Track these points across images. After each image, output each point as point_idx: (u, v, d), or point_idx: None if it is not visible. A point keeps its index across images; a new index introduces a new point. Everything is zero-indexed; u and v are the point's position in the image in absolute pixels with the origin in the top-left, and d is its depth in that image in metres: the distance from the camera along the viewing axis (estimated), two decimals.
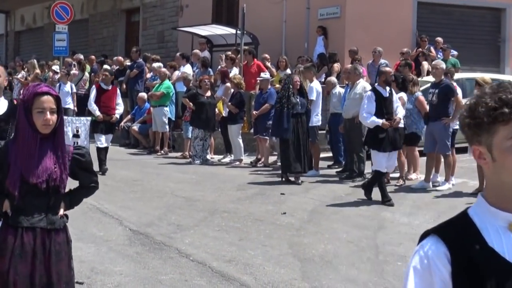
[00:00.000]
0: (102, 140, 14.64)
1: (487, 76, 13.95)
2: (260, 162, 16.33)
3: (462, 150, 13.63)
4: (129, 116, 20.17)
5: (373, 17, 20.21)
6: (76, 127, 14.50)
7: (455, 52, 19.55)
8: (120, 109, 15.45)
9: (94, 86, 15.53)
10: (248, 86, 17.57)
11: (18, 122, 4.37)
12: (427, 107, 13.24)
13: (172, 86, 19.16)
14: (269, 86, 16.42)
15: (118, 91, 15.78)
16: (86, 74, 23.06)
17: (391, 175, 13.82)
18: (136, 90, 20.53)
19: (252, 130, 16.92)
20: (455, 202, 11.94)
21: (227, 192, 13.13)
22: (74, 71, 23.22)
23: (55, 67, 24.08)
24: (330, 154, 16.12)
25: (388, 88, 11.98)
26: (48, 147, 4.37)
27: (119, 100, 15.21)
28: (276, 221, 10.78)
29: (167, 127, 18.81)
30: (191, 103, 16.74)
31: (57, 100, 4.38)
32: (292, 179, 13.87)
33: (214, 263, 8.43)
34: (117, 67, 22.25)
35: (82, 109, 19.71)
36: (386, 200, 11.62)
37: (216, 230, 10.24)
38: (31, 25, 36.52)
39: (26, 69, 26.31)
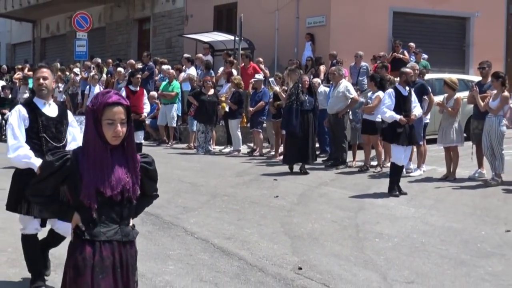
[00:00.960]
0: (138, 137, 13.84)
1: (454, 77, 13.94)
2: (256, 152, 16.37)
3: (431, 141, 13.64)
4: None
5: (354, 25, 20.20)
6: None
7: (425, 56, 19.57)
8: (147, 108, 15.02)
9: (123, 88, 15.02)
10: (245, 86, 17.56)
11: (87, 132, 3.74)
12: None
13: (179, 86, 19.21)
14: (262, 86, 16.42)
15: (145, 92, 15.44)
16: (104, 75, 23.01)
17: (371, 163, 13.86)
18: (147, 90, 20.48)
19: (248, 124, 16.90)
20: (425, 186, 11.97)
21: (227, 178, 13.14)
22: (93, 73, 23.18)
23: (76, 70, 24.09)
24: (317, 145, 16.13)
25: (407, 88, 11.65)
26: (118, 157, 3.79)
27: (146, 100, 14.84)
28: (270, 203, 10.80)
29: (175, 121, 18.92)
30: (195, 101, 16.88)
31: (127, 110, 3.76)
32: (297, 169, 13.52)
33: (215, 240, 8.45)
34: (130, 70, 22.19)
35: None
36: (393, 192, 11.07)
37: (217, 211, 10.25)
38: (55, 32, 36.41)
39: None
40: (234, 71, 18.63)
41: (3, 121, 18.54)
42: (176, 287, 6.67)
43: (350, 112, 14.53)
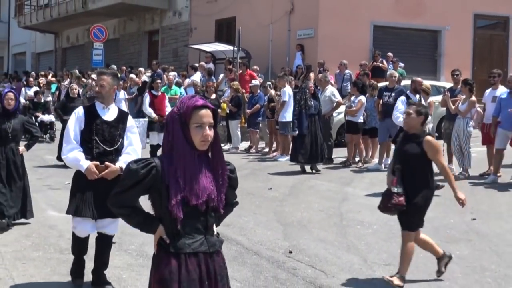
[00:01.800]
0: (157, 138, 13.67)
1: (427, 83, 13.94)
2: (252, 149, 16.38)
3: None
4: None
5: (339, 37, 20.20)
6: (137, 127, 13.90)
7: (402, 64, 19.57)
8: (169, 109, 14.65)
9: (147, 93, 14.74)
10: (243, 91, 17.55)
11: (173, 138, 3.21)
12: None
13: (182, 90, 19.15)
14: (258, 91, 16.42)
15: (166, 96, 15.22)
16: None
17: (356, 159, 13.86)
18: (155, 94, 20.44)
19: (246, 125, 16.90)
20: None
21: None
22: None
23: (93, 76, 24.02)
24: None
25: (418, 96, 11.41)
26: (203, 164, 3.26)
27: (167, 103, 14.53)
28: (264, 194, 10.80)
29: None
30: None
31: (214, 113, 3.27)
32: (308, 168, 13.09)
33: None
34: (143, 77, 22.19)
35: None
36: None
37: None
38: (75, 43, 36.36)
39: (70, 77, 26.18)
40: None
41: (37, 123, 18.40)
42: None
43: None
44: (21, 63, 42.37)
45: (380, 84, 15.13)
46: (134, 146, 5.81)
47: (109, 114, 5.78)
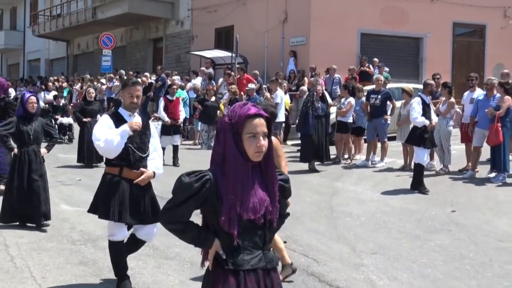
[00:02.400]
0: (168, 142, 13.38)
1: (410, 86, 13.97)
2: None
3: (391, 138, 13.66)
4: (155, 115, 19.95)
5: (329, 44, 20.20)
6: None
7: (387, 69, 19.57)
8: (182, 114, 14.28)
9: (162, 98, 14.33)
10: (241, 93, 17.55)
11: (225, 149, 2.81)
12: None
13: (185, 93, 19.15)
14: (254, 94, 16.41)
15: (181, 100, 14.91)
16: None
17: (345, 156, 13.87)
18: (159, 97, 20.42)
19: None
20: (387, 175, 11.99)
21: None
22: (116, 83, 23.11)
23: (103, 80, 24.04)
24: (299, 141, 16.10)
25: (430, 97, 11.15)
26: (257, 176, 2.86)
27: (181, 107, 14.25)
28: None
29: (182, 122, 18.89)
30: (200, 105, 16.88)
31: (268, 121, 2.85)
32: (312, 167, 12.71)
33: None
34: (148, 82, 22.17)
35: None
36: (422, 189, 10.18)
37: None
38: (85, 50, 36.32)
39: (81, 81, 26.16)
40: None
41: (56, 126, 18.32)
42: (184, 257, 6.67)
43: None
44: (35, 69, 42.31)
45: (367, 87, 15.18)
46: (158, 152, 5.63)
47: (136, 120, 5.44)
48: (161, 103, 13.89)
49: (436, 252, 6.99)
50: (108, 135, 5.15)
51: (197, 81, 20.16)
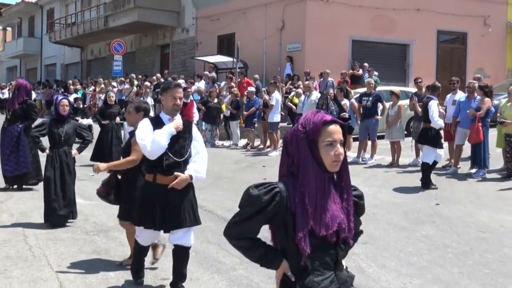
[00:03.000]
0: None
1: (398, 89, 13.99)
2: (249, 145, 16.37)
3: (380, 137, 13.66)
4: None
5: (323, 50, 20.22)
6: None
7: (376, 73, 19.54)
8: (196, 116, 13.82)
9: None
10: (241, 95, 17.55)
11: (299, 160, 2.40)
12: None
13: (191, 96, 19.13)
14: (254, 96, 16.39)
15: (194, 103, 14.58)
16: (134, 87, 22.95)
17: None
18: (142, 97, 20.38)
19: (244, 124, 16.88)
20: (376, 171, 11.99)
21: (227, 165, 13.11)
22: (127, 86, 23.10)
23: (114, 83, 24.01)
24: None
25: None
26: (330, 189, 2.44)
27: (195, 110, 13.83)
28: None
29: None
30: (203, 107, 16.84)
31: (343, 129, 2.46)
32: None
33: (219, 212, 8.45)
34: (155, 82, 22.16)
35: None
36: (429, 186, 9.95)
37: (220, 190, 10.25)
38: (98, 55, 36.31)
39: (94, 84, 26.16)
40: (232, 84, 18.65)
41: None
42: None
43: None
44: (52, 73, 42.31)
45: (358, 90, 15.19)
46: (201, 155, 5.03)
47: None
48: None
49: (421, 242, 6.99)
50: (154, 136, 4.76)
51: (201, 84, 20.15)
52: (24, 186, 9.85)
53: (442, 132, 10.49)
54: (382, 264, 6.11)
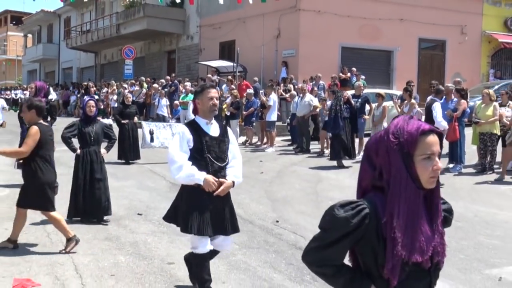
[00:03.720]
0: None
1: (383, 91, 13.99)
2: (248, 142, 16.35)
3: (366, 135, 13.64)
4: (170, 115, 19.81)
5: (315, 56, 20.20)
6: None
7: (363, 77, 19.48)
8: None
9: (191, 102, 13.55)
10: (240, 96, 17.51)
11: (391, 175, 1.93)
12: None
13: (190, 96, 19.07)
14: (252, 97, 16.37)
15: (190, 101, 14.24)
16: (144, 89, 22.90)
17: (328, 151, 13.84)
18: (173, 100, 20.39)
19: (243, 123, 16.86)
20: None
21: None
22: (137, 87, 23.04)
23: (125, 85, 23.97)
24: (290, 137, 16.11)
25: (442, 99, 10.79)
26: (424, 207, 1.99)
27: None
28: (257, 177, 10.79)
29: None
30: None
31: (440, 138, 1.98)
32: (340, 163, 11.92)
33: None
34: (164, 83, 22.12)
35: (141, 112, 19.28)
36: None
37: None
38: (110, 60, 36.23)
39: (107, 86, 26.11)
40: (233, 87, 18.61)
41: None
42: None
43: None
44: (68, 76, 42.22)
45: (347, 92, 15.17)
46: (238, 159, 4.52)
47: (214, 129, 4.43)
48: (191, 106, 13.14)
49: None
50: (183, 167, 4.19)
51: None
52: None
53: (446, 132, 10.13)
54: None
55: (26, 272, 5.21)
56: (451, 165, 11.03)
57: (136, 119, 12.61)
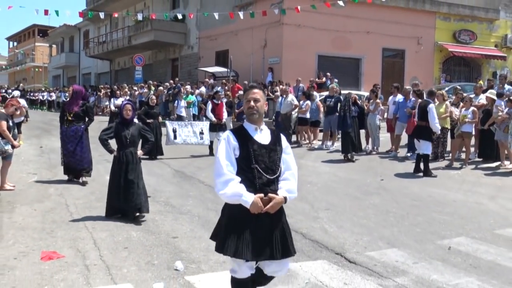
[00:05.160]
0: (220, 135, 11.43)
1: (353, 92, 13.98)
2: None
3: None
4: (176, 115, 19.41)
5: (296, 63, 20.14)
6: (201, 128, 12.08)
7: (336, 80, 19.46)
8: (225, 115, 12.64)
9: (209, 102, 12.79)
10: (233, 97, 17.45)
11: None
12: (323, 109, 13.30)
13: (194, 97, 18.95)
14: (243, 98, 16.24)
15: (224, 104, 13.24)
16: (151, 91, 22.71)
17: (305, 142, 13.83)
18: (175, 100, 20.18)
19: (235, 119, 16.79)
20: (336, 155, 11.98)
21: (204, 148, 12.99)
22: (145, 90, 22.85)
23: (135, 88, 23.76)
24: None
25: (413, 99, 10.42)
26: None
27: (225, 109, 12.62)
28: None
29: (192, 118, 18.63)
30: (204, 106, 16.66)
31: None
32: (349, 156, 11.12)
33: None
34: (169, 86, 21.94)
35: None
36: (430, 174, 9.14)
37: None
38: (123, 66, 35.88)
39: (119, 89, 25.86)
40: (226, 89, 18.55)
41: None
42: (194, 213, 6.65)
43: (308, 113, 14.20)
44: (87, 80, 41.80)
45: (323, 93, 15.17)
46: (293, 170, 3.33)
47: (264, 136, 3.28)
48: (209, 106, 12.54)
49: (369, 208, 7.03)
50: (231, 183, 3.07)
51: (203, 89, 20.01)
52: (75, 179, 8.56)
53: (438, 132, 9.60)
54: (340, 225, 6.14)
55: (52, 246, 5.18)
56: (409, 154, 11.09)
57: (160, 118, 12.09)
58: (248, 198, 3.06)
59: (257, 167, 3.16)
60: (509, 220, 6.47)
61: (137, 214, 6.24)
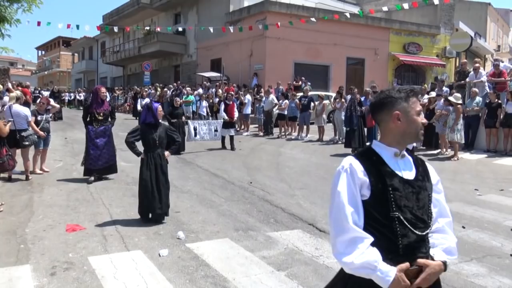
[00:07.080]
0: (231, 132, 11.24)
1: (323, 93, 13.98)
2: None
3: (311, 123, 13.65)
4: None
5: (276, 69, 20.06)
6: (216, 126, 11.40)
7: (309, 83, 19.44)
8: (236, 114, 11.92)
9: (222, 102, 12.17)
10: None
11: None
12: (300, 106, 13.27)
13: (193, 97, 18.75)
14: (233, 97, 16.02)
15: (235, 104, 12.37)
16: (158, 92, 22.41)
17: (282, 134, 13.80)
18: (177, 100, 19.87)
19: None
20: (309, 144, 12.01)
21: (217, 142, 12.95)
22: (152, 91, 22.53)
23: (146, 88, 23.36)
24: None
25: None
26: None
27: (236, 109, 11.91)
28: (238, 153, 10.72)
29: (191, 115, 18.41)
30: (218, 106, 15.99)
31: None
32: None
33: (211, 170, 8.36)
34: (172, 88, 21.66)
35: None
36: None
37: (212, 157, 10.13)
38: (134, 71, 35.32)
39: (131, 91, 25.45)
40: (220, 91, 18.35)
41: None
42: (193, 192, 6.60)
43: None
44: (104, 83, 40.88)
45: (299, 94, 15.14)
46: (447, 217, 1.73)
47: (406, 166, 1.68)
48: (222, 106, 11.97)
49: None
50: (360, 246, 1.55)
51: (200, 91, 19.81)
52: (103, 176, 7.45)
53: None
54: (312, 202, 6.15)
55: (75, 220, 5.10)
56: (368, 143, 11.11)
57: (184, 118, 11.47)
58: (387, 273, 1.54)
59: (401, 216, 1.60)
60: (447, 197, 6.56)
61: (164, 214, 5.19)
